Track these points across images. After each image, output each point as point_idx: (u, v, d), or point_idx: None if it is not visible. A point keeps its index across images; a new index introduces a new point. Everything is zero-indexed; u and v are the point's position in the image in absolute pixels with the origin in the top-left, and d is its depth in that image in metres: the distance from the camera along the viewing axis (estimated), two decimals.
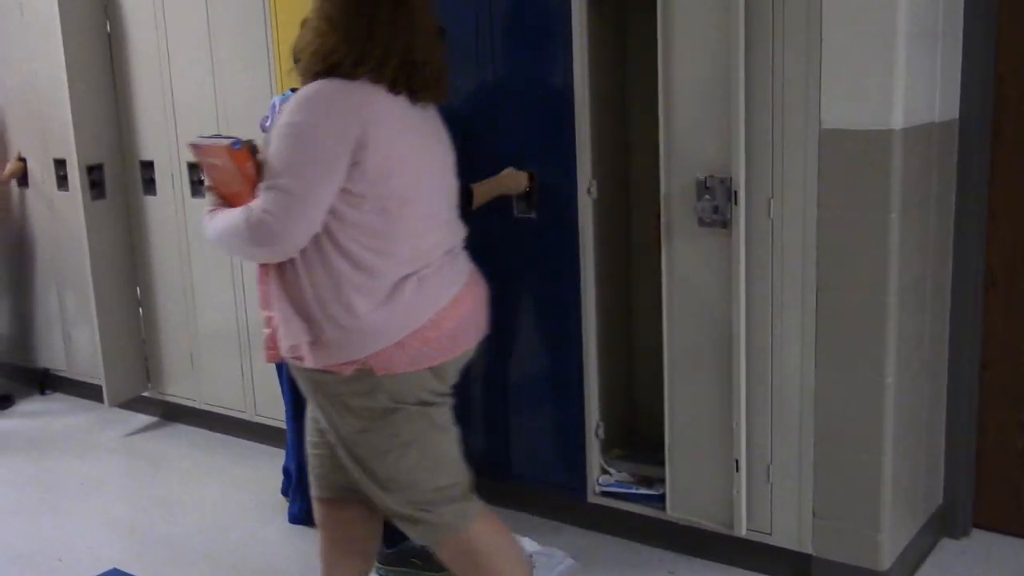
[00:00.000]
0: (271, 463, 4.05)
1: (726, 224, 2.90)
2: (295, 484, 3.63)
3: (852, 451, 2.87)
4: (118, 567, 3.41)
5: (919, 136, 2.79)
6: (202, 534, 3.65)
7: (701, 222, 2.95)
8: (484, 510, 2.45)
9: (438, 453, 2.37)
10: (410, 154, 2.25)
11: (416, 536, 2.44)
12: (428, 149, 2.33)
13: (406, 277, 2.23)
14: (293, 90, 3.34)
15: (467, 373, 2.62)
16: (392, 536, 3.24)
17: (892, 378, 2.80)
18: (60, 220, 4.91)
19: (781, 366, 2.94)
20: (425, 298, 2.25)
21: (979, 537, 3.32)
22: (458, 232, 2.43)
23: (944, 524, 3.32)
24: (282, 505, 3.73)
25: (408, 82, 2.23)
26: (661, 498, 3.24)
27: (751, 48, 2.77)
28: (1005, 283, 3.18)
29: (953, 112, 3.04)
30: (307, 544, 3.51)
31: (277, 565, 3.40)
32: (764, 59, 2.79)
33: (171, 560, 3.46)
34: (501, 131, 3.35)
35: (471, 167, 3.29)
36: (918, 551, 3.16)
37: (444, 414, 2.39)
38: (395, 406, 2.27)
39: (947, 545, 3.29)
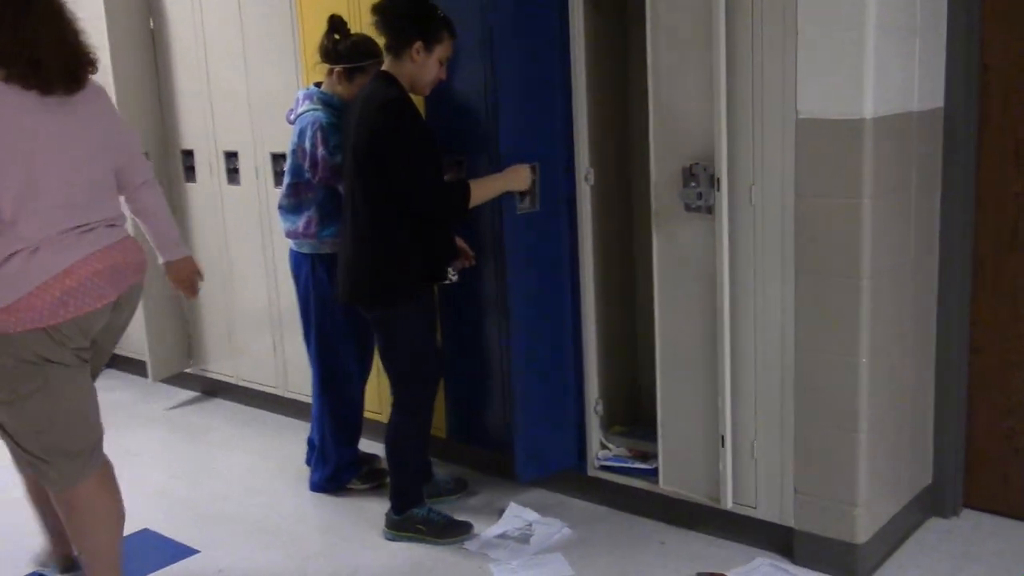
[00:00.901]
0: (298, 436, 4.27)
1: (711, 210, 3.03)
2: (317, 454, 3.84)
3: (829, 429, 2.99)
4: (149, 527, 3.67)
5: (894, 125, 2.89)
6: (228, 499, 3.90)
7: (687, 208, 3.09)
8: (103, 473, 2.86)
9: (54, 411, 2.71)
10: (28, 145, 2.58)
11: (41, 483, 2.84)
12: (57, 140, 2.63)
13: (17, 252, 2.59)
14: (316, 84, 3.59)
15: (478, 352, 2.82)
16: (399, 503, 3.45)
17: (867, 359, 2.91)
18: None
19: (763, 346, 3.07)
20: (34, 268, 2.61)
21: (969, 516, 3.41)
22: (101, 211, 2.75)
23: (933, 503, 3.41)
24: (305, 474, 3.95)
25: (34, 79, 2.56)
26: (654, 472, 3.39)
27: (731, 42, 2.90)
28: (993, 269, 3.25)
29: (937, 101, 3.13)
30: (324, 510, 3.77)
31: (295, 528, 3.63)
32: (744, 52, 2.91)
33: (198, 522, 3.71)
34: (502, 123, 3.51)
35: (473, 162, 3.50)
36: (902, 528, 3.26)
37: (66, 374, 2.71)
38: (13, 363, 2.63)
39: (935, 524, 3.39)
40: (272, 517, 3.73)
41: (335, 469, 3.82)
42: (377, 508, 3.62)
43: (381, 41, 3.27)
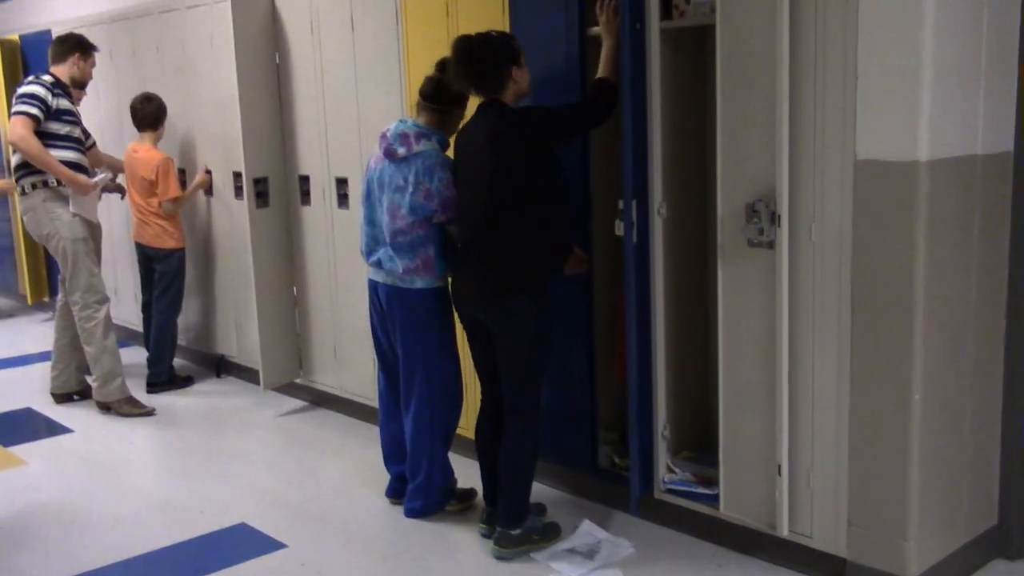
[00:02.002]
0: None
1: (772, 245, 3.16)
2: (418, 485, 3.95)
3: (882, 462, 3.06)
4: (246, 522, 3.99)
5: (954, 167, 2.96)
6: (318, 500, 4.20)
7: (750, 243, 3.22)
8: None
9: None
10: None
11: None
12: None
13: None
14: (414, 120, 3.82)
15: (566, 369, 3.02)
16: (517, 518, 3.59)
17: (919, 395, 2.97)
18: (237, 225, 5.63)
19: (821, 378, 3.16)
20: None
21: None
22: None
23: (999, 544, 3.41)
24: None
25: None
26: (716, 497, 3.50)
27: (794, 84, 3.03)
28: None
29: (1007, 145, 3.17)
30: (392, 516, 4.01)
31: (376, 531, 3.89)
32: (807, 94, 3.04)
33: (289, 519, 4.01)
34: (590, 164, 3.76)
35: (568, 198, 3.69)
36: (962, 566, 3.27)
37: None
38: None
39: (999, 565, 3.38)
40: (357, 519, 3.99)
41: (440, 495, 3.96)
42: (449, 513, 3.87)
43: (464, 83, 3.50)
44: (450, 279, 3.72)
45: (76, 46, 5.40)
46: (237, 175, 5.49)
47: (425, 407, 3.85)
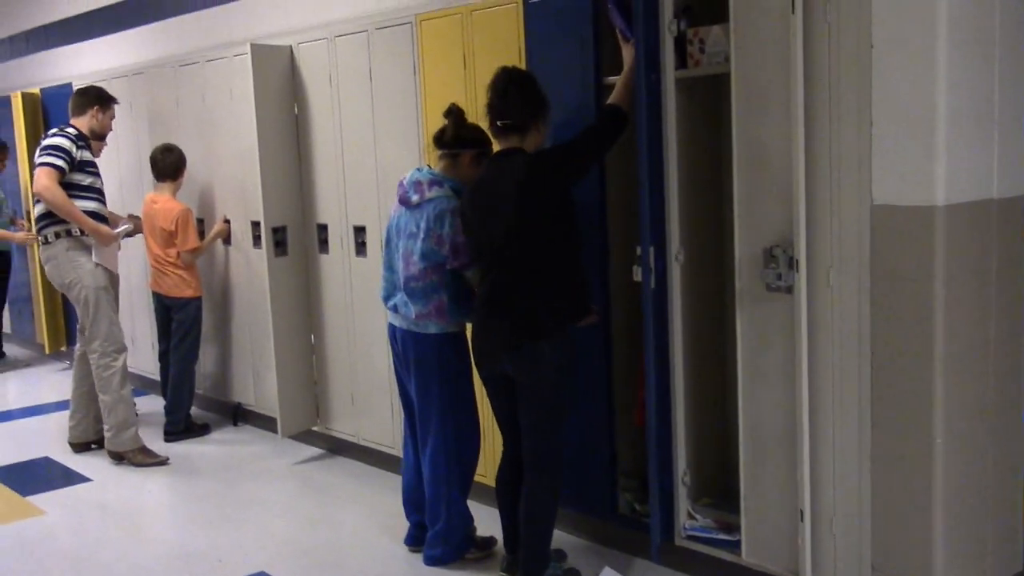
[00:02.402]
0: None
1: (790, 290, 3.17)
2: (437, 533, 3.93)
3: (905, 507, 3.04)
4: (265, 571, 3.98)
5: (970, 212, 2.98)
6: (338, 549, 4.19)
7: (768, 287, 3.24)
8: None
9: None
10: None
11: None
12: None
13: None
14: (429, 167, 3.88)
15: (578, 418, 3.03)
16: (537, 569, 3.58)
17: (941, 440, 2.96)
18: (254, 274, 5.67)
19: (842, 423, 3.16)
20: None
21: None
22: None
23: None
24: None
25: None
26: (738, 544, 3.49)
27: (810, 133, 3.07)
28: None
29: (1021, 188, 3.19)
30: (411, 564, 4.00)
31: None
32: (822, 142, 3.07)
33: (307, 567, 4.01)
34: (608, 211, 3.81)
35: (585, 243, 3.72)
36: None
37: None
38: None
39: None
40: (376, 567, 3.99)
41: (459, 542, 3.95)
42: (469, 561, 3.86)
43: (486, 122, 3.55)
44: (469, 331, 3.71)
45: (95, 99, 5.50)
46: (255, 224, 5.54)
47: (441, 452, 3.86)
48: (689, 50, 3.52)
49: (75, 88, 7.03)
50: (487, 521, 4.01)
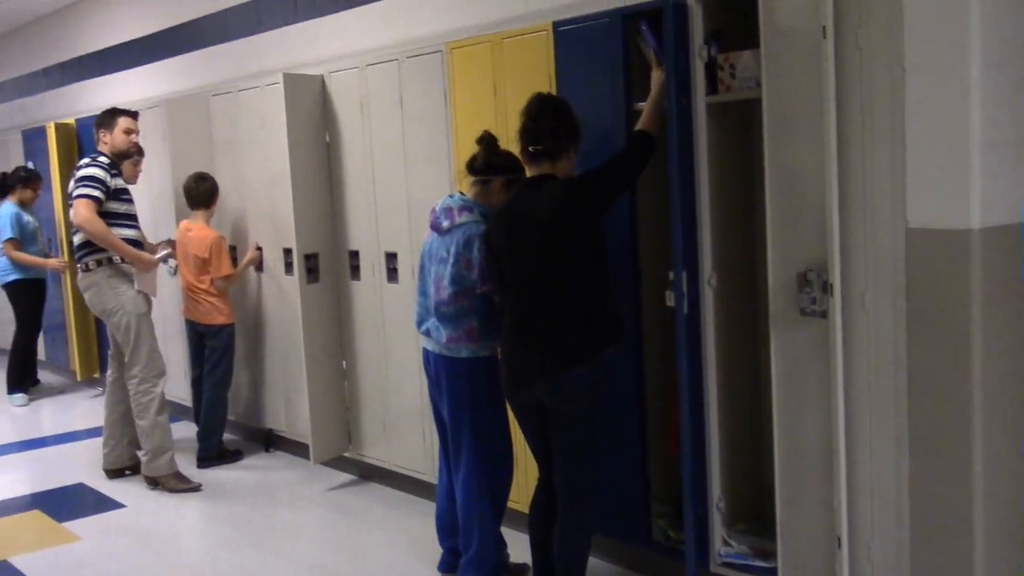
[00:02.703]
0: None
1: (825, 314, 3.16)
2: (470, 559, 3.89)
3: (944, 536, 3.00)
4: None
5: (1006, 234, 2.95)
6: (368, 573, 4.18)
7: (802, 312, 3.22)
8: None
9: None
10: None
11: None
12: None
13: None
14: (461, 194, 3.91)
15: (611, 444, 3.02)
16: None
17: (980, 466, 2.93)
18: (286, 300, 5.71)
19: (879, 448, 3.13)
20: None
21: None
22: None
23: None
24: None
25: None
26: (774, 571, 3.45)
27: (843, 157, 3.06)
28: None
29: None
30: None
31: None
32: (855, 166, 3.06)
33: None
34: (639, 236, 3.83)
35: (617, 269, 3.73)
36: None
37: None
38: None
39: None
40: None
41: (492, 567, 3.91)
42: None
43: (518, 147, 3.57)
44: (501, 360, 3.70)
45: (97, 124, 5.54)
46: (287, 251, 5.58)
47: (474, 477, 3.86)
48: (720, 75, 3.53)
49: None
50: (520, 548, 4.00)
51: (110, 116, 5.55)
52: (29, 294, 7.98)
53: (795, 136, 3.19)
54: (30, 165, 8.54)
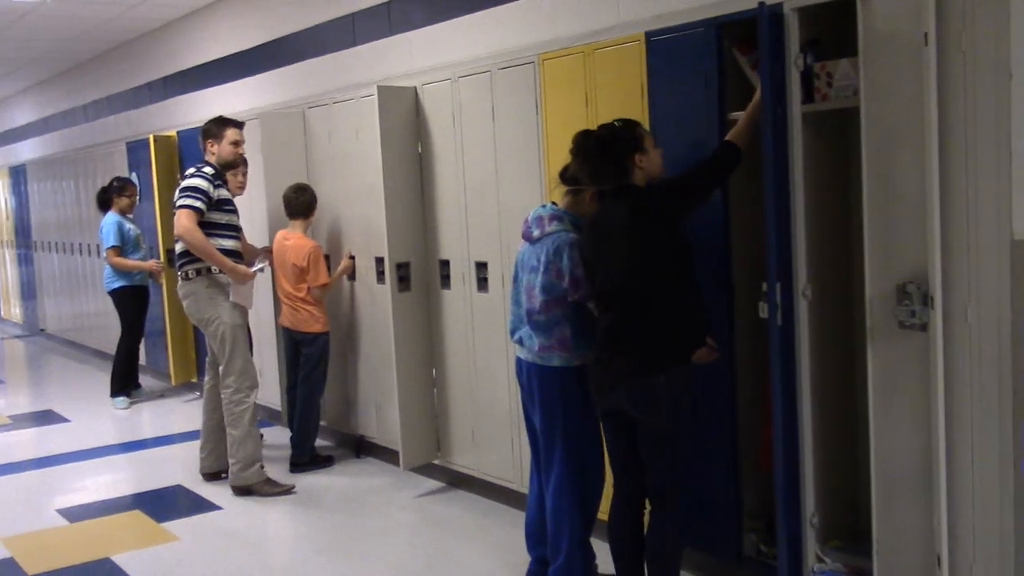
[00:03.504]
0: None
1: (925, 328, 3.08)
2: (559, 569, 3.88)
3: None
4: None
5: None
6: None
7: (901, 325, 3.15)
8: None
9: None
10: None
11: None
12: None
13: None
14: (553, 204, 3.92)
15: (702, 458, 3.00)
16: None
17: None
18: (378, 309, 5.80)
19: (981, 466, 3.04)
20: None
21: None
22: None
23: None
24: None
25: None
26: None
27: (945, 167, 2.99)
28: None
29: None
30: None
31: None
32: (958, 176, 2.99)
33: None
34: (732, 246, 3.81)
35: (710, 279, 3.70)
36: None
37: None
38: None
39: None
40: None
41: None
42: None
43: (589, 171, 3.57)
44: (589, 367, 3.69)
45: (204, 133, 5.64)
46: (379, 260, 5.67)
47: (565, 486, 3.85)
48: (816, 84, 3.48)
49: None
50: (608, 557, 3.98)
51: (219, 126, 5.65)
52: (133, 300, 8.25)
53: (895, 145, 3.12)
54: (133, 177, 8.85)
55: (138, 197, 8.33)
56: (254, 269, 5.71)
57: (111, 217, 8.09)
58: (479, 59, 5.03)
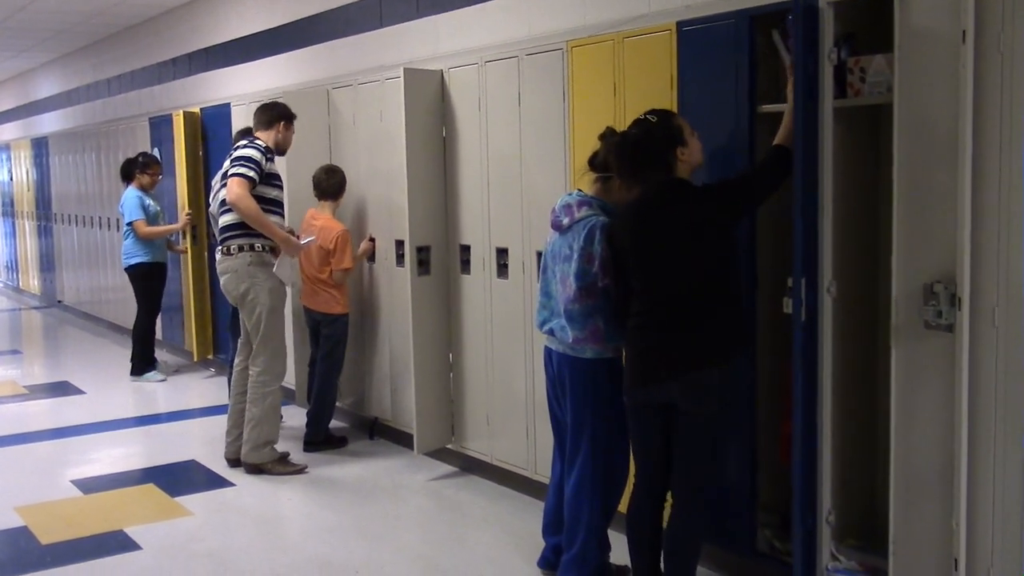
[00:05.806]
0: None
1: (951, 328, 3.06)
2: (572, 558, 3.88)
3: None
4: None
5: None
6: (472, 568, 4.22)
7: (927, 325, 3.13)
8: None
9: None
10: None
11: None
12: None
13: None
14: (579, 191, 3.90)
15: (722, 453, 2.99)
16: None
17: None
18: (396, 292, 5.80)
19: (1004, 469, 3.01)
20: None
21: None
22: None
23: None
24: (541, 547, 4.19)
25: None
26: None
27: (978, 166, 2.95)
28: None
29: None
30: None
31: None
32: (991, 176, 2.95)
33: None
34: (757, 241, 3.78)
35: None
36: None
37: None
38: None
39: None
40: None
41: (594, 568, 3.87)
42: None
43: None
44: (628, 358, 3.66)
45: (281, 115, 5.60)
46: (399, 243, 5.67)
47: (588, 477, 3.83)
48: (849, 79, 3.45)
49: (233, 107, 7.36)
50: (621, 550, 3.97)
51: (292, 117, 5.64)
52: (149, 276, 8.26)
53: (928, 143, 3.09)
54: (155, 152, 8.86)
55: (160, 176, 8.34)
56: (305, 242, 5.68)
57: (132, 192, 8.11)
58: (506, 44, 5.00)
